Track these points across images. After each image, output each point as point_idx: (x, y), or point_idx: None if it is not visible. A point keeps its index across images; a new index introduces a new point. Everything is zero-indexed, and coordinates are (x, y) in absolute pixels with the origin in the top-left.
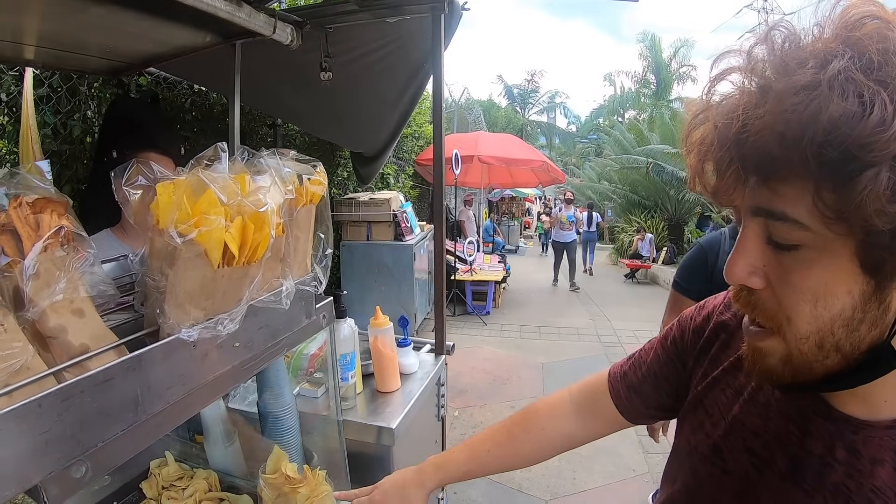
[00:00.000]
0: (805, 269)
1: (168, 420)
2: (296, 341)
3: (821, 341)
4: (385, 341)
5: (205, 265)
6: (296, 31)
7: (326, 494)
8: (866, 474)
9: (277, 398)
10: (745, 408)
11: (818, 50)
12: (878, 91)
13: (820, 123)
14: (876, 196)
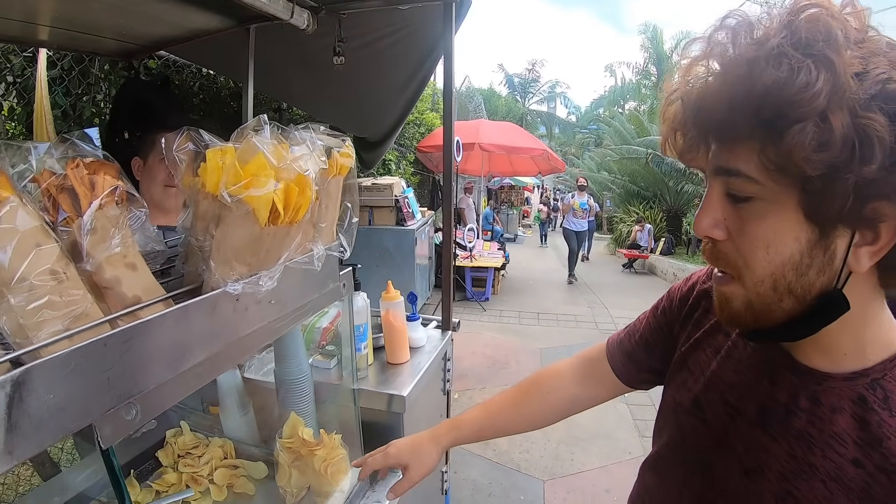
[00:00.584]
0: (758, 219)
1: (210, 370)
2: (320, 305)
3: (774, 284)
4: (396, 314)
5: (252, 223)
6: (312, 17)
7: (342, 457)
8: (826, 421)
9: (295, 366)
10: (722, 363)
11: (763, 32)
12: (804, 61)
13: (757, 89)
14: (802, 146)
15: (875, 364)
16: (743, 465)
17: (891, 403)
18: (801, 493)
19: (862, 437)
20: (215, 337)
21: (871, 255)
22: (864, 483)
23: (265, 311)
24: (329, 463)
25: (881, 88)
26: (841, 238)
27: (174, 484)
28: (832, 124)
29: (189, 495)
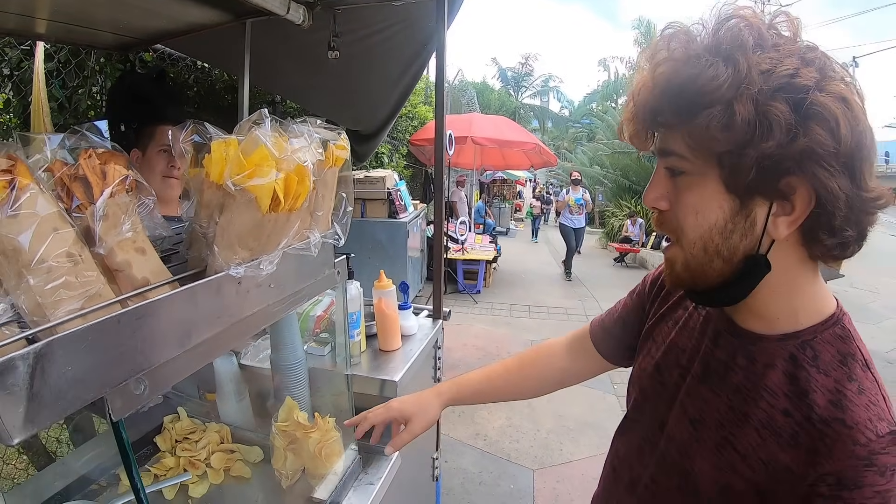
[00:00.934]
0: (688, 190)
1: (213, 348)
2: (316, 290)
3: (704, 246)
4: (388, 303)
5: (255, 210)
6: (307, 12)
7: (336, 440)
8: (760, 376)
9: (290, 352)
10: (678, 332)
11: (694, 39)
12: (714, 60)
13: (677, 82)
14: (709, 127)
15: (806, 328)
16: (689, 416)
17: (819, 362)
18: (736, 440)
19: (791, 391)
20: (218, 317)
21: (789, 224)
22: (792, 430)
23: (265, 294)
24: (323, 445)
25: (787, 82)
26: (760, 208)
27: (172, 468)
28: (735, 110)
29: (187, 478)
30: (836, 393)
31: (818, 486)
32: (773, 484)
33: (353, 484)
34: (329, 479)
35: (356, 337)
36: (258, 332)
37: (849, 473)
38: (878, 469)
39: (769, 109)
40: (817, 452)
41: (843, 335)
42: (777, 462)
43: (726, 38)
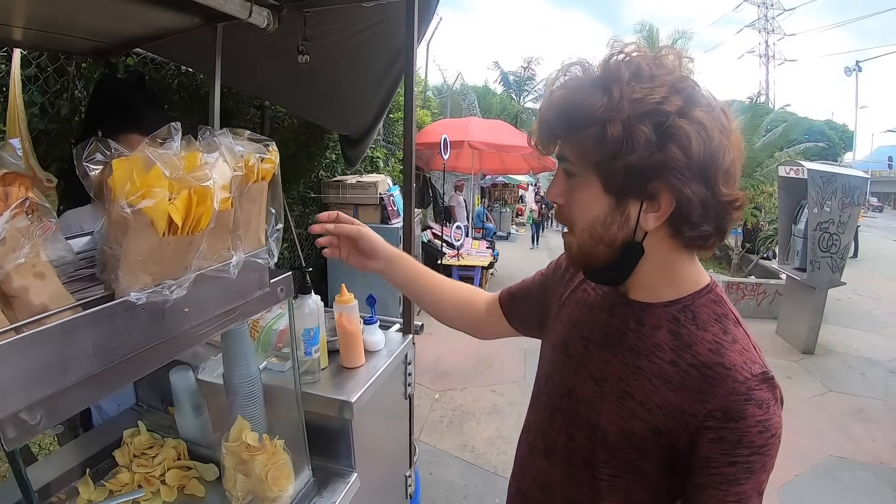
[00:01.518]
0: (577, 190)
1: (121, 376)
2: (251, 311)
3: (591, 234)
4: (350, 318)
5: (152, 234)
6: (273, 15)
7: (283, 463)
8: (649, 336)
9: (241, 370)
10: (580, 311)
11: (587, 70)
12: (595, 90)
13: (566, 105)
14: (587, 142)
15: (686, 295)
16: (593, 377)
17: (698, 321)
18: (633, 390)
19: (676, 345)
20: (121, 344)
21: (656, 219)
22: (679, 377)
23: (179, 319)
24: (270, 468)
25: (654, 108)
26: (633, 206)
27: (127, 483)
28: (607, 130)
29: (139, 495)
30: (714, 343)
31: (707, 421)
32: (670, 423)
33: None
34: (278, 502)
35: (314, 354)
36: (182, 352)
37: (732, 407)
38: (757, 402)
39: (634, 130)
40: (703, 392)
41: (717, 300)
42: (670, 404)
43: (607, 72)
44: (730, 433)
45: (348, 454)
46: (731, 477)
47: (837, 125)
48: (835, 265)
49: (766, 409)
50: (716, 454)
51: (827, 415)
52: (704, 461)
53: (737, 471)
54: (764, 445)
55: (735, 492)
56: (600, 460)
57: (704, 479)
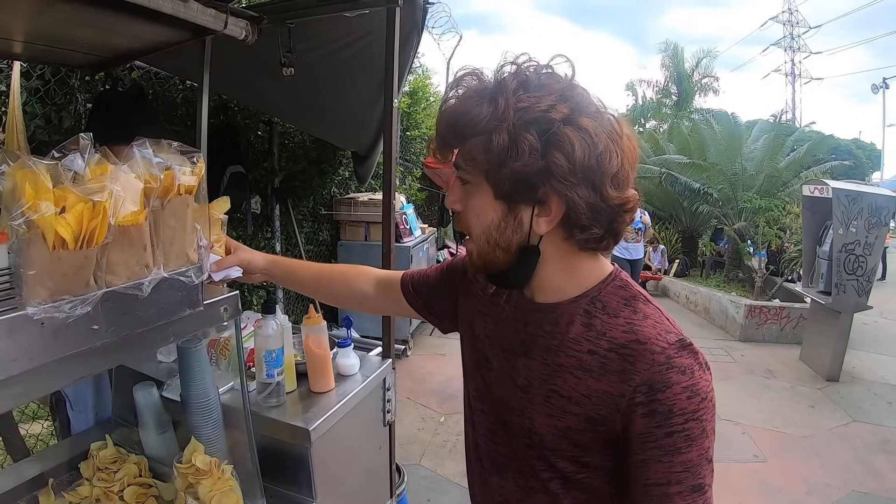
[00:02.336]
0: (472, 196)
1: (25, 391)
2: (183, 331)
3: (487, 239)
4: (318, 340)
5: (42, 247)
6: (251, 27)
7: (230, 489)
8: (564, 332)
9: (197, 390)
10: (497, 324)
11: (480, 80)
12: (481, 100)
13: (455, 115)
14: (474, 150)
15: (590, 288)
16: (518, 385)
17: (608, 308)
18: (558, 386)
19: (590, 335)
20: (19, 359)
21: (548, 223)
22: (599, 363)
23: (86, 337)
24: (214, 494)
25: (540, 116)
26: (525, 210)
27: (86, 497)
28: (493, 138)
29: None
30: (626, 325)
31: (636, 397)
32: (600, 409)
33: None
34: None
35: (277, 376)
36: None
37: (656, 378)
38: (679, 369)
39: (519, 138)
40: (625, 371)
41: (623, 285)
42: (596, 392)
43: (496, 83)
44: (659, 405)
45: (308, 483)
46: (671, 448)
47: (865, 144)
48: (861, 288)
49: (691, 375)
50: (651, 428)
51: (850, 447)
52: (641, 437)
53: (675, 440)
54: (696, 410)
55: (679, 461)
56: (546, 464)
57: (646, 454)
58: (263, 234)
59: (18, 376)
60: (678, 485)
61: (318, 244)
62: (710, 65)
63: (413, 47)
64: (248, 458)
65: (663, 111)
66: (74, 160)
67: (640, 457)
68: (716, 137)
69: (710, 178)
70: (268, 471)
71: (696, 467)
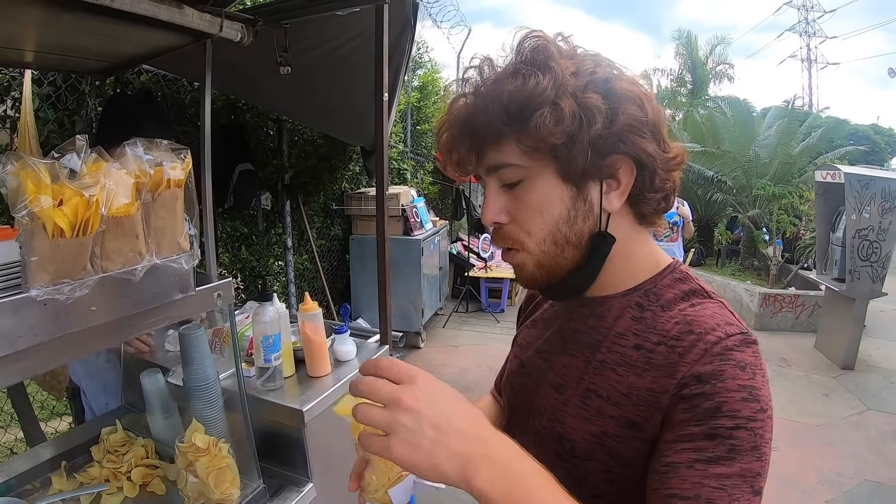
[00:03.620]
0: (529, 194)
1: (31, 365)
2: (177, 314)
3: (554, 239)
4: (314, 327)
5: (43, 236)
6: (246, 29)
7: (227, 466)
8: (610, 327)
9: (196, 373)
10: (535, 328)
11: (502, 62)
12: (532, 70)
13: (503, 97)
14: (545, 125)
15: (646, 280)
16: (553, 385)
17: (662, 301)
18: (597, 385)
19: (639, 329)
20: (24, 335)
21: (619, 197)
22: (645, 358)
23: (85, 317)
24: (212, 470)
25: (590, 78)
26: (593, 189)
27: (96, 478)
28: (561, 106)
29: (104, 489)
30: (681, 316)
31: (681, 391)
32: (642, 411)
33: None
34: None
35: (274, 361)
36: (98, 349)
37: (706, 369)
38: (736, 363)
39: (587, 101)
40: (672, 364)
41: (682, 277)
42: (637, 390)
43: (534, 52)
44: (705, 399)
45: (304, 463)
46: (709, 454)
47: (883, 129)
48: (875, 275)
49: (752, 375)
50: (689, 425)
51: (864, 436)
52: (675, 436)
53: (717, 446)
54: (752, 419)
55: (716, 474)
56: (574, 481)
57: (675, 457)
58: (275, 230)
59: (25, 351)
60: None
61: (330, 239)
62: (725, 52)
63: (408, 42)
64: (247, 438)
65: (678, 99)
66: (71, 159)
67: (667, 460)
68: (729, 125)
69: (724, 166)
70: (267, 452)
71: (734, 489)
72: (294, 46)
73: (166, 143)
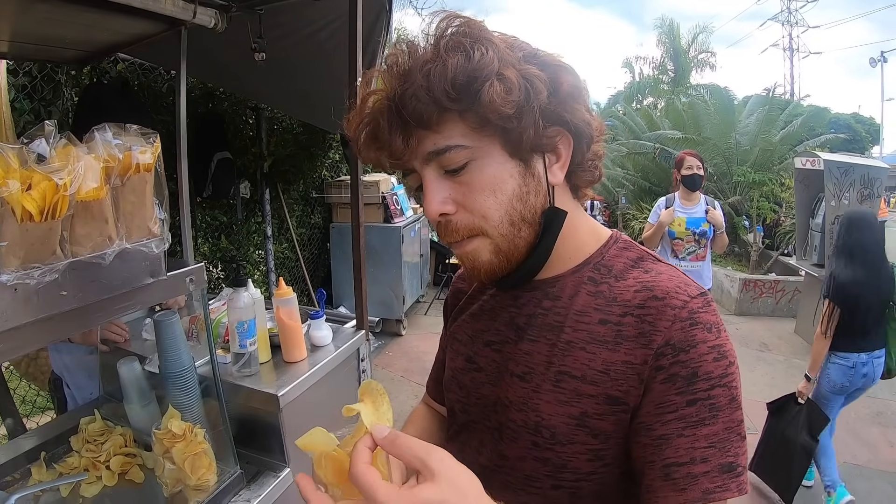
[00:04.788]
0: (479, 175)
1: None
2: (149, 299)
3: (511, 218)
4: (289, 312)
5: (12, 220)
6: (220, 15)
7: (202, 452)
8: (568, 306)
9: (172, 360)
10: (477, 320)
11: (429, 43)
12: (474, 44)
13: (447, 72)
14: (497, 94)
15: (592, 253)
16: (517, 375)
17: (614, 272)
18: (568, 366)
19: (599, 304)
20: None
21: (561, 169)
22: (614, 332)
23: (55, 302)
24: (187, 456)
25: (526, 52)
26: (538, 163)
27: (75, 467)
28: (507, 76)
29: (83, 479)
30: (640, 285)
31: (658, 361)
32: (621, 385)
33: (229, 499)
34: (201, 490)
35: (249, 347)
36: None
37: (678, 336)
38: (704, 325)
39: (528, 71)
40: (644, 334)
41: (626, 246)
42: (614, 364)
43: (468, 30)
44: (682, 367)
45: (281, 449)
46: (694, 419)
47: (864, 118)
48: None
49: (717, 333)
50: (670, 395)
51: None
52: (659, 408)
53: (699, 410)
54: (724, 375)
55: (704, 435)
56: (552, 468)
57: (664, 428)
58: (255, 218)
59: None
60: (704, 463)
61: (311, 227)
62: (707, 40)
63: (384, 26)
64: (221, 424)
65: (660, 87)
66: (40, 144)
67: (657, 433)
68: (710, 112)
69: (705, 153)
70: (244, 438)
71: (724, 442)
72: (269, 33)
73: (135, 127)
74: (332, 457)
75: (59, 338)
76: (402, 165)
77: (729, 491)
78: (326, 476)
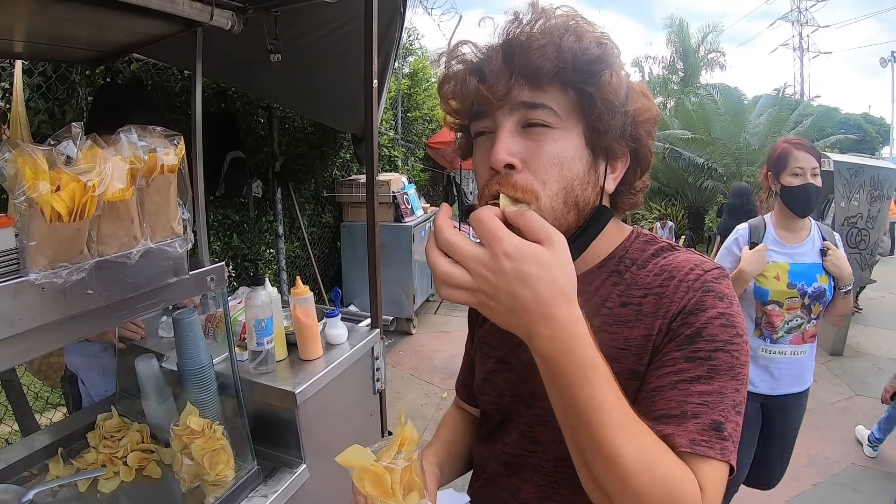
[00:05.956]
0: (553, 142)
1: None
2: (173, 297)
3: (566, 197)
4: (305, 310)
5: (41, 221)
6: (237, 17)
7: (221, 447)
8: (593, 296)
9: (191, 357)
10: None
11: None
12: (601, 36)
13: (580, 46)
14: (611, 82)
15: (616, 247)
16: None
17: (638, 262)
18: None
19: (622, 290)
20: (24, 318)
21: (614, 181)
22: (634, 312)
23: (82, 300)
24: (207, 452)
25: (614, 59)
26: (601, 164)
27: (93, 463)
28: (622, 75)
29: (100, 474)
30: (658, 269)
31: (672, 327)
32: (641, 358)
33: (246, 495)
34: (220, 486)
35: (266, 345)
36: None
37: (691, 302)
38: (717, 294)
39: (630, 82)
40: (661, 307)
41: (648, 239)
42: (633, 339)
43: (586, 23)
44: (688, 328)
45: (297, 445)
46: (689, 374)
47: (874, 118)
48: (864, 262)
49: (730, 304)
50: (670, 351)
51: (851, 421)
52: (658, 362)
53: (697, 367)
54: (729, 342)
55: (698, 391)
56: None
57: (658, 381)
58: (266, 217)
59: (24, 334)
60: (695, 418)
61: (321, 226)
62: (716, 40)
63: (397, 28)
64: (240, 421)
65: (669, 87)
66: (68, 146)
67: (652, 385)
68: (720, 112)
69: (715, 153)
70: (261, 434)
71: (717, 403)
72: (284, 34)
73: (160, 129)
74: (371, 471)
75: (84, 335)
76: (483, 106)
77: (713, 450)
78: (366, 489)
